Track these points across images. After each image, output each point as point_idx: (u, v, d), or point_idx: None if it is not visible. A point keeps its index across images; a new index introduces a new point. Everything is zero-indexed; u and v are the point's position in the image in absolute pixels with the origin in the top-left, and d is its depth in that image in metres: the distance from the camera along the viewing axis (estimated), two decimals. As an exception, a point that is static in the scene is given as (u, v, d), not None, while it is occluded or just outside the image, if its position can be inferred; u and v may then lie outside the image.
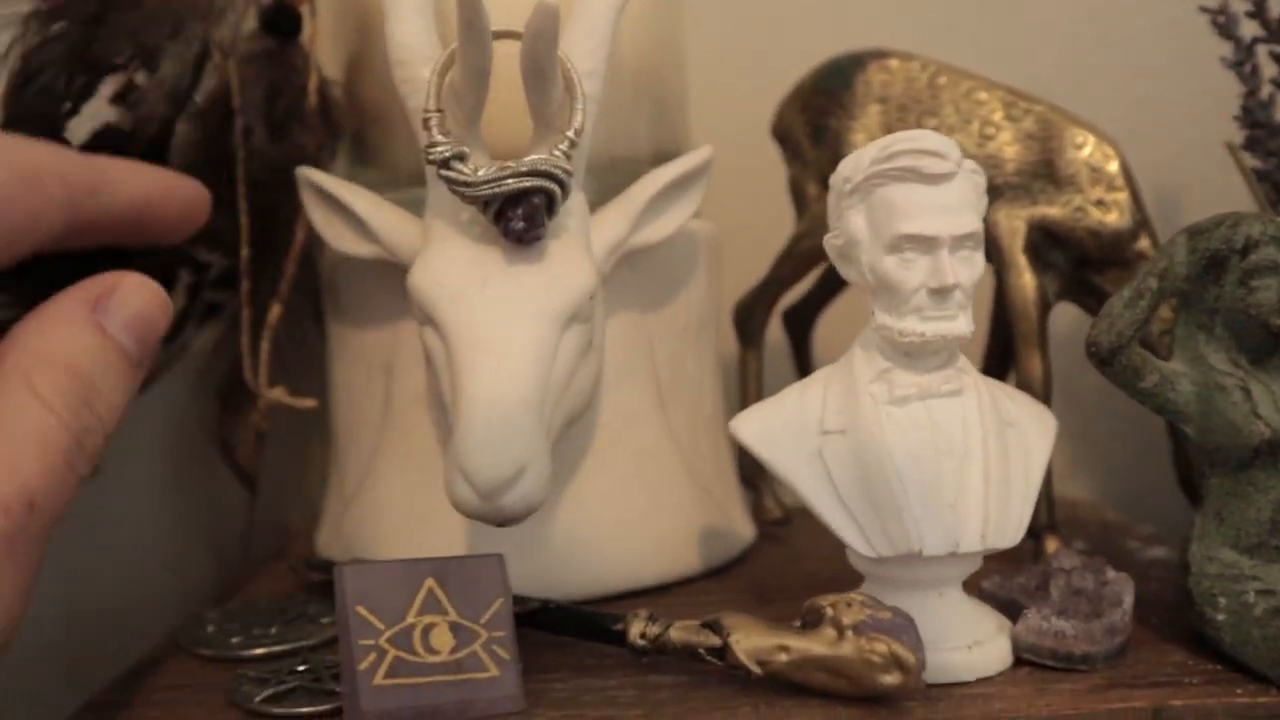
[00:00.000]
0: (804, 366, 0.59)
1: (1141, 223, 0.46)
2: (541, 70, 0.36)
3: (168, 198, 0.39)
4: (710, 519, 0.47)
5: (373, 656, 0.32)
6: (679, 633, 0.36)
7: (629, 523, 0.45)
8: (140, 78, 0.43)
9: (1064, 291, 0.48)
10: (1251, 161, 0.47)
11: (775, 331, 0.56)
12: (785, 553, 0.50)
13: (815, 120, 0.51)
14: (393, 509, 0.46)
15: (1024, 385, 0.46)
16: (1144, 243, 0.46)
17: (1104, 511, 0.58)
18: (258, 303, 0.46)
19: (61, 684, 0.57)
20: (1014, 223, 0.46)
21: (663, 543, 0.45)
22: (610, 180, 0.46)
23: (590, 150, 0.41)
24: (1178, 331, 0.39)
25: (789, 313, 0.58)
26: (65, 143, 0.40)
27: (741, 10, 0.66)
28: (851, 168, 0.37)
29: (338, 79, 0.51)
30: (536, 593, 0.40)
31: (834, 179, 0.38)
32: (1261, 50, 0.47)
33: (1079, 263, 0.47)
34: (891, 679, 0.33)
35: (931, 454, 0.36)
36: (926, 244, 0.35)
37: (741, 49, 0.65)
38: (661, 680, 0.36)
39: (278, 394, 0.47)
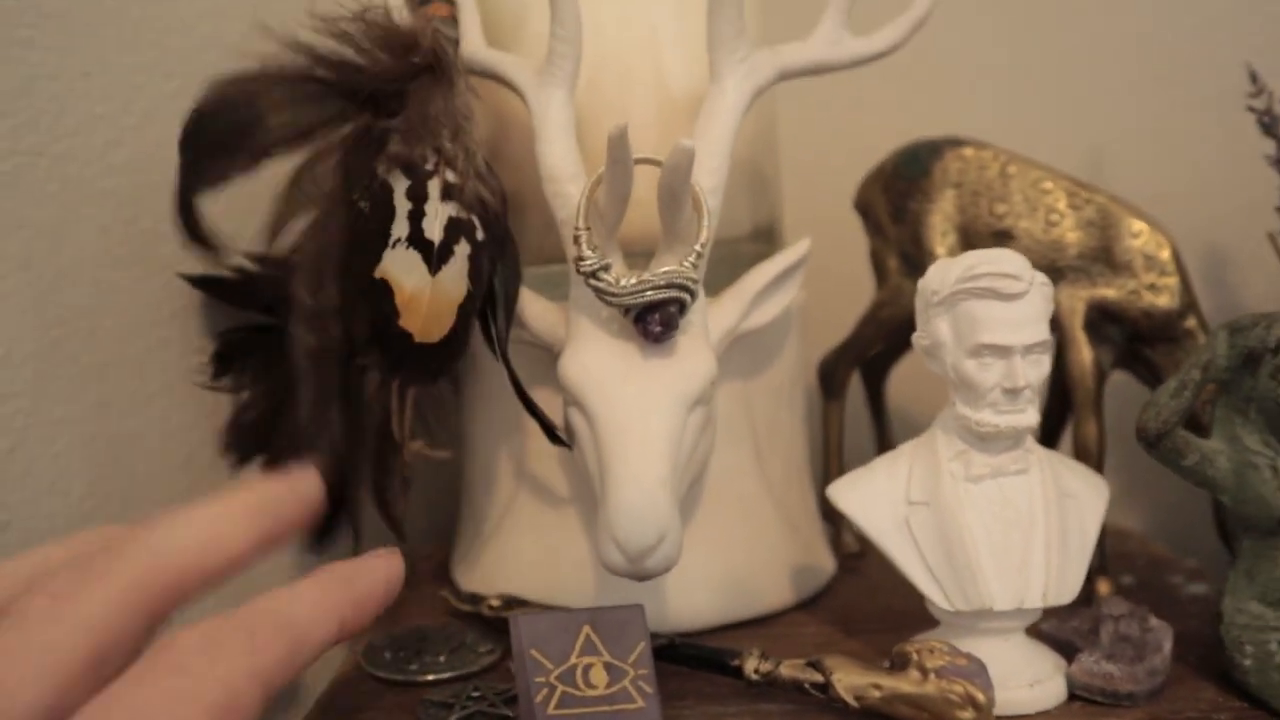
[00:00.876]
0: (878, 411, 0.66)
1: (1190, 304, 0.52)
2: (676, 197, 0.43)
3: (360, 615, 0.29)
4: (800, 556, 0.55)
5: (545, 691, 0.40)
6: (788, 670, 0.43)
7: (734, 564, 0.52)
8: (451, 176, 0.46)
9: (1118, 362, 0.54)
10: (1288, 248, 0.53)
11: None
12: (863, 585, 0.57)
13: (896, 201, 0.57)
14: (529, 548, 0.53)
15: (1081, 447, 0.53)
16: (1192, 322, 0.52)
17: (1151, 545, 0.65)
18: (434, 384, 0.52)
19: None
20: (1075, 303, 0.53)
21: (762, 579, 0.53)
22: (714, 256, 0.53)
23: None
24: (1218, 414, 0.45)
25: (867, 367, 0.65)
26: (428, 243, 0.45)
27: (827, 95, 0.72)
28: (939, 281, 0.43)
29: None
30: (657, 625, 0.48)
31: (922, 287, 0.44)
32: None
33: (1132, 338, 0.53)
34: (968, 715, 0.40)
35: (1002, 525, 0.43)
36: (1002, 352, 0.42)
37: (827, 131, 0.72)
38: (771, 709, 0.43)
39: (419, 446, 0.54)
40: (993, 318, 0.42)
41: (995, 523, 0.43)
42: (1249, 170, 0.60)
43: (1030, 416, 0.42)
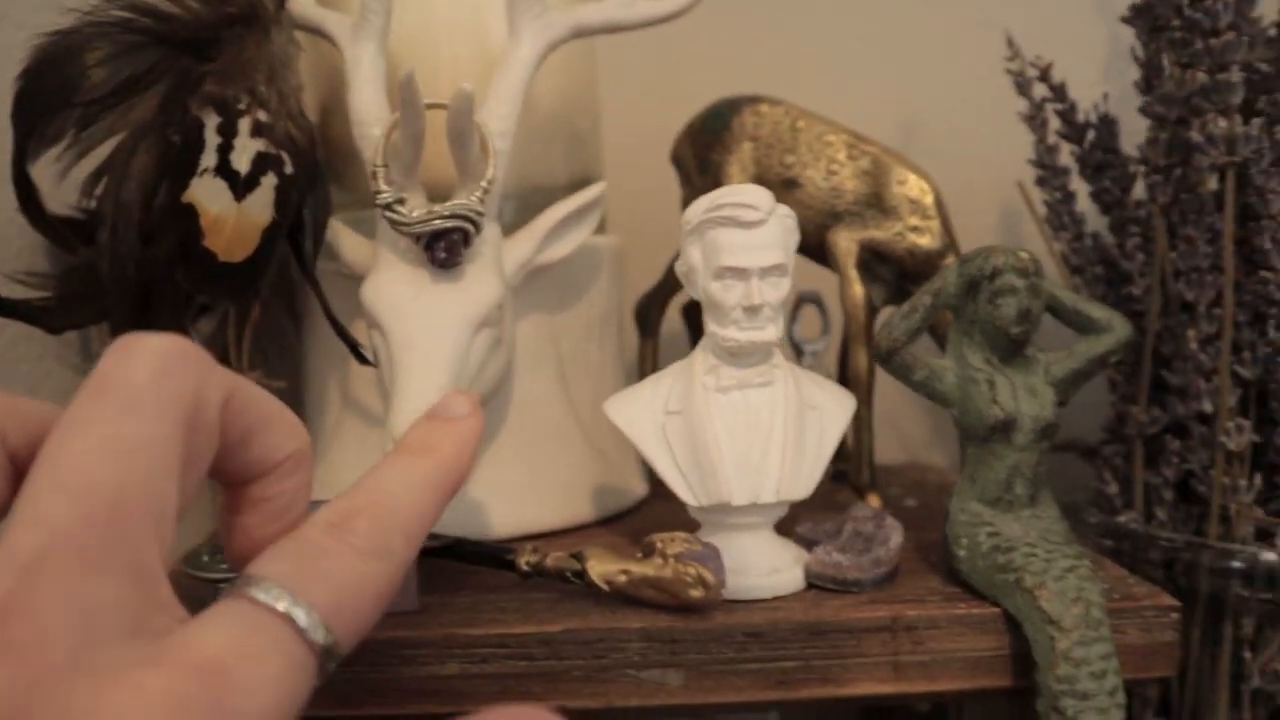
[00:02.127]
0: None
1: (949, 245, 0.58)
2: (460, 137, 0.48)
3: None
4: (605, 478, 0.60)
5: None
6: (553, 560, 0.48)
7: (536, 480, 0.57)
8: (262, 115, 0.50)
9: (890, 299, 0.60)
10: (1040, 196, 0.58)
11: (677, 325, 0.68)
12: (670, 507, 0.62)
13: (701, 154, 0.63)
14: (351, 463, 0.58)
15: (853, 374, 0.58)
16: (950, 260, 0.58)
17: (950, 476, 0.70)
18: (243, 303, 0.57)
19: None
20: (850, 244, 0.58)
21: (563, 496, 0.58)
22: (531, 203, 0.58)
23: (512, 181, 0.53)
24: (950, 336, 0.51)
25: (688, 308, 0.70)
26: (234, 173, 0.48)
27: (649, 55, 0.78)
28: (692, 212, 0.48)
29: (316, 120, 0.62)
30: (465, 533, 0.53)
31: (682, 220, 0.49)
32: (1049, 108, 0.58)
33: (900, 276, 0.58)
34: (698, 593, 0.45)
35: (744, 430, 0.48)
36: (741, 274, 0.47)
37: (649, 90, 0.77)
38: (540, 596, 0.48)
39: (256, 376, 0.58)
40: (733, 243, 0.47)
41: (738, 428, 0.48)
42: (1008, 127, 0.66)
43: (769, 333, 0.47)
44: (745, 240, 0.47)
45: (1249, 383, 0.52)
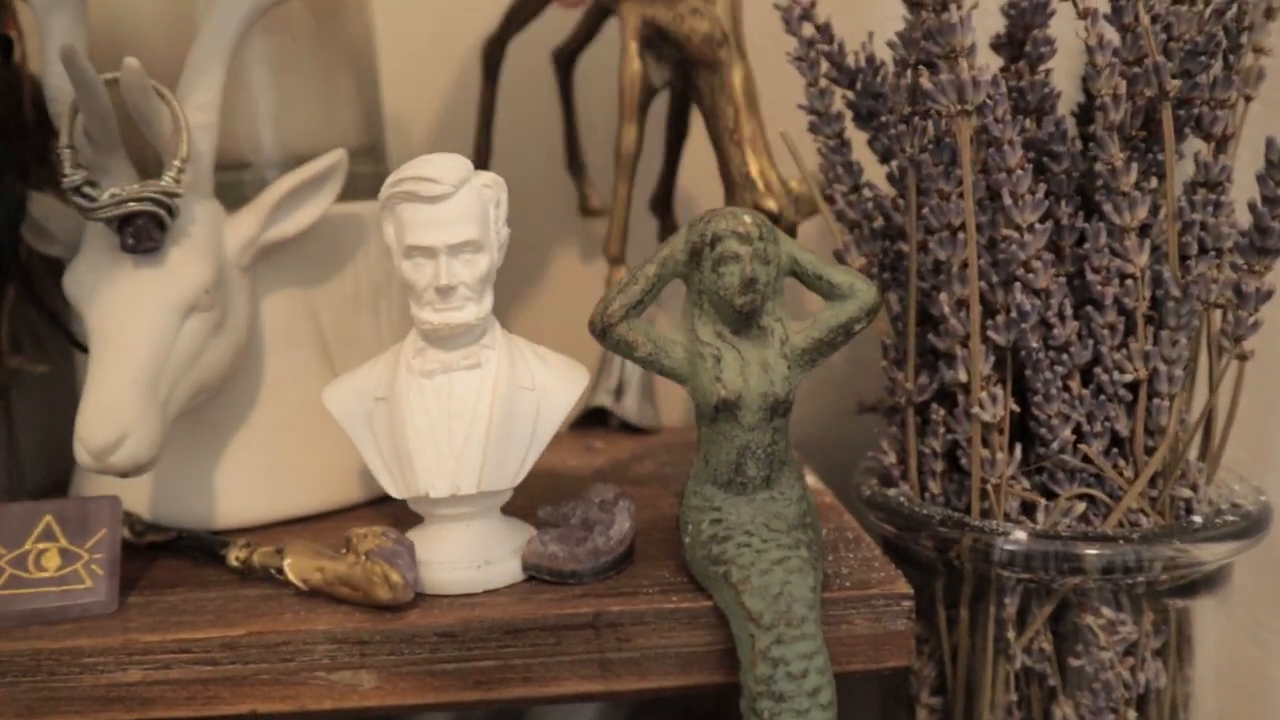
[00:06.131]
0: (568, 103, 0.72)
1: (725, 36, 0.55)
2: (141, 113, 0.45)
3: None
4: (376, 456, 0.57)
5: (-4, 575, 0.43)
6: (259, 557, 0.46)
7: (292, 461, 0.55)
8: None
9: (671, 83, 0.58)
10: (814, 145, 0.54)
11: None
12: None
13: None
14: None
15: (622, 150, 0.57)
16: (725, 53, 0.55)
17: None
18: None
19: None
20: (634, 18, 0.56)
21: (326, 477, 0.56)
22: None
23: (273, 153, 0.55)
24: (682, 308, 0.48)
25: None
26: None
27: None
28: (383, 187, 0.45)
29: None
30: (209, 523, 0.51)
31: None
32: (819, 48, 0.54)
33: (681, 62, 0.56)
34: (384, 593, 0.43)
35: (446, 417, 0.45)
36: (429, 252, 0.44)
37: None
38: (248, 594, 0.46)
39: (19, 361, 0.57)
40: (417, 220, 0.44)
41: (440, 415, 0.45)
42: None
43: (465, 314, 0.44)
44: (429, 216, 0.44)
45: (1003, 350, 0.48)
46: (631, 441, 0.67)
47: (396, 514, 0.55)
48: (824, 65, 0.53)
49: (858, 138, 0.54)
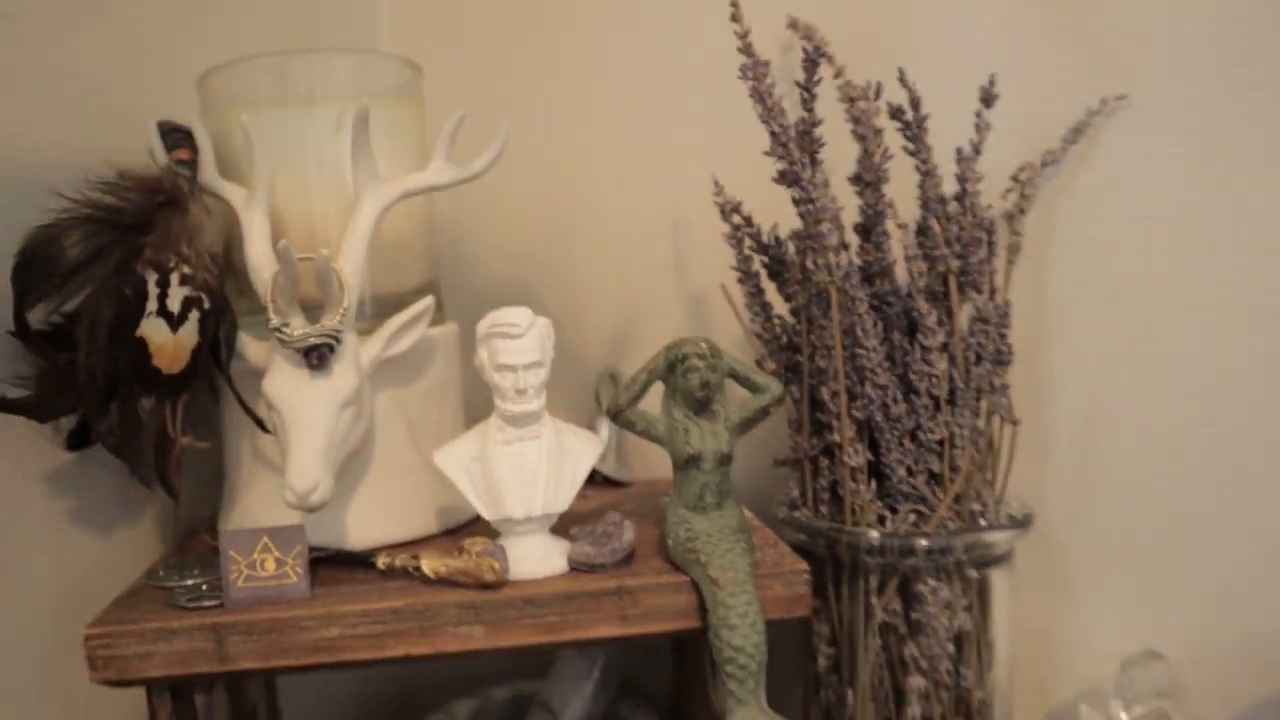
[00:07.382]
0: None
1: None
2: (322, 281, 0.72)
3: None
4: (444, 503, 0.84)
5: (235, 573, 0.68)
6: (400, 561, 0.72)
7: (393, 505, 0.81)
8: (186, 269, 0.73)
9: None
10: (741, 292, 0.84)
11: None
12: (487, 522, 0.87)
13: None
14: (261, 501, 0.81)
15: None
16: None
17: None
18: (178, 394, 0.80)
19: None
20: None
21: (416, 515, 0.82)
22: (389, 306, 0.82)
23: (367, 293, 0.80)
24: (664, 397, 0.76)
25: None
26: (169, 313, 0.72)
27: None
28: (480, 326, 0.73)
29: (224, 251, 0.86)
30: (342, 545, 0.77)
31: (476, 330, 0.74)
32: (744, 231, 0.84)
33: None
34: (491, 577, 0.69)
35: (521, 469, 0.72)
36: (511, 368, 0.72)
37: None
38: (393, 585, 0.72)
39: (187, 440, 0.81)
40: (504, 348, 0.72)
41: (518, 468, 0.72)
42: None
43: (532, 405, 0.72)
44: (511, 346, 0.72)
45: (861, 422, 0.78)
46: (611, 493, 0.95)
47: (459, 539, 0.82)
48: (748, 242, 0.83)
49: (770, 287, 0.84)
